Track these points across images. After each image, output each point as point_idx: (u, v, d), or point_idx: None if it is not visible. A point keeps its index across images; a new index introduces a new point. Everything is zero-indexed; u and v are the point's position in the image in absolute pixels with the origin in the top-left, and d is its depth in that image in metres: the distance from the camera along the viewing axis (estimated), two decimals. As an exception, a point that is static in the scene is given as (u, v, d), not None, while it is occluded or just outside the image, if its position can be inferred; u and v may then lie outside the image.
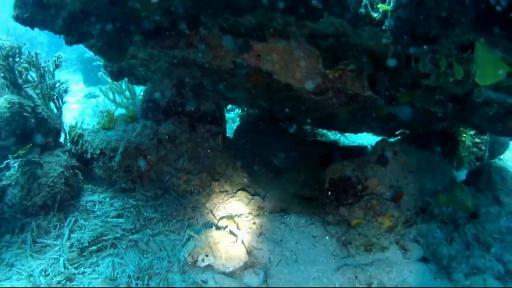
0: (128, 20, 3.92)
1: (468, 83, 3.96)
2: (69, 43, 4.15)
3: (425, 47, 2.93)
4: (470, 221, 4.83)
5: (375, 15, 3.25)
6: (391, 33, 3.02)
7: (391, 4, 3.00)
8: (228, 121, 9.07)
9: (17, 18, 4.02)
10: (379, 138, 5.71)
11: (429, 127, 5.32)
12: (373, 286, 3.87)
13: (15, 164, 4.30)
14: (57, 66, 5.20)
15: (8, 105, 4.39)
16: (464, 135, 7.11)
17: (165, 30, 4.12)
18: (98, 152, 4.94)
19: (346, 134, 8.73)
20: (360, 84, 4.27)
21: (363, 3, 3.26)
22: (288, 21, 3.89)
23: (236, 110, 9.23)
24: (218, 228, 4.23)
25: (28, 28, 4.18)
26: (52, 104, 5.25)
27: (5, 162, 4.31)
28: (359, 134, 8.59)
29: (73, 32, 4.04)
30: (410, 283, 3.98)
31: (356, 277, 3.91)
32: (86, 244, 4.07)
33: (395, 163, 4.94)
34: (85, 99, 13.55)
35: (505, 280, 3.99)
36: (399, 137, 7.11)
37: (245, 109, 7.53)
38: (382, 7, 3.13)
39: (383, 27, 3.20)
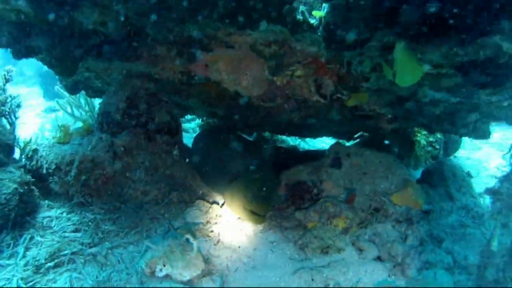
0: (76, 33, 3.92)
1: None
2: (17, 57, 4.10)
3: (355, 50, 3.07)
4: (424, 218, 5.00)
5: (312, 21, 3.37)
6: (322, 38, 3.14)
7: (324, 10, 3.12)
8: (190, 131, 9.09)
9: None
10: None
11: (381, 128, 5.48)
12: (329, 287, 3.97)
13: (-35, 183, 4.21)
14: (7, 81, 5.12)
15: (-45, 123, 4.31)
16: (419, 135, 7.37)
17: (114, 43, 4.14)
18: (53, 167, 4.89)
19: (306, 139, 8.87)
20: (308, 89, 4.38)
21: (300, 10, 3.38)
22: (230, 31, 3.99)
23: (197, 120, 9.24)
24: (175, 237, 4.24)
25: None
26: (4, 120, 5.15)
27: (-47, 181, 4.22)
28: (319, 139, 8.77)
29: (21, 45, 4.00)
30: (366, 282, 4.09)
31: (313, 279, 3.99)
32: (43, 261, 3.99)
33: (349, 166, 5.07)
34: (44, 114, 13.28)
35: (453, 271, 4.17)
36: (358, 140, 7.30)
37: (204, 118, 7.57)
38: (316, 13, 3.26)
39: (319, 33, 3.33)
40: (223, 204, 5.05)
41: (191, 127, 9.19)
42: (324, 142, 9.10)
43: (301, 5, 3.36)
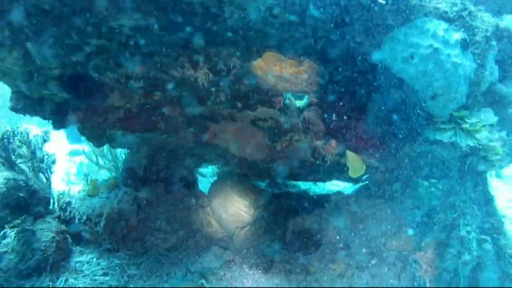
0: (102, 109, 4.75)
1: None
2: (56, 128, 4.91)
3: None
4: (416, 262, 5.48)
5: (298, 104, 4.16)
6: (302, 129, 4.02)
7: (304, 100, 3.95)
8: (207, 175, 9.68)
9: (13, 109, 4.81)
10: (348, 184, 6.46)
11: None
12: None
13: (12, 233, 4.85)
14: (45, 141, 5.83)
15: (4, 181, 4.99)
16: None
17: (133, 118, 4.93)
18: (85, 218, 5.53)
19: (318, 183, 9.34)
20: (305, 152, 5.03)
21: (287, 97, 4.18)
22: (232, 112, 4.81)
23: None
24: (191, 281, 4.82)
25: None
26: (41, 175, 5.84)
27: (2, 232, 4.86)
28: (330, 182, 9.25)
29: (59, 119, 4.79)
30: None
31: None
32: (77, 301, 4.60)
33: (348, 213, 5.61)
34: (69, 157, 13.94)
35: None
36: (366, 182, 7.77)
37: (219, 165, 8.16)
38: (298, 103, 4.09)
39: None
40: (235, 251, 5.61)
41: (208, 172, 9.76)
42: (335, 185, 9.56)
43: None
